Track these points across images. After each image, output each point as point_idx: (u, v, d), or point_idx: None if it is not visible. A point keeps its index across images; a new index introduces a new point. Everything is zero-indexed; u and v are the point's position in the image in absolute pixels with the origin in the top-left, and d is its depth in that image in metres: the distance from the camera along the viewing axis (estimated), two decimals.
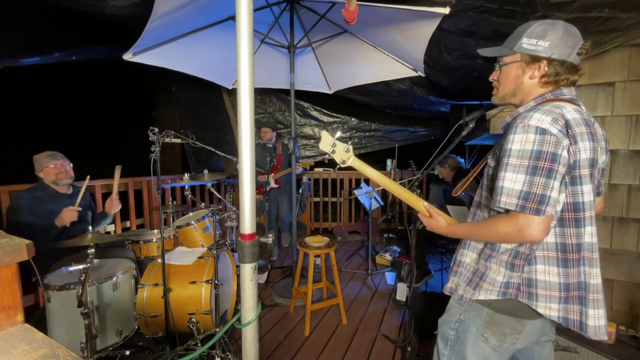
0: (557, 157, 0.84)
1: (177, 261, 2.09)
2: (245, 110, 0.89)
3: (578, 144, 0.86)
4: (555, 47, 0.91)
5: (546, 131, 0.84)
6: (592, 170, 0.90)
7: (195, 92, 4.18)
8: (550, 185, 0.83)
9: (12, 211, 1.96)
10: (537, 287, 0.93)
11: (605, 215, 1.96)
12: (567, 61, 0.92)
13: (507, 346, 1.00)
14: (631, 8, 1.47)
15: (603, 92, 1.93)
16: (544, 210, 0.83)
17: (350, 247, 4.32)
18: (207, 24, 2.30)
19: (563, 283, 0.91)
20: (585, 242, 0.90)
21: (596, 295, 0.90)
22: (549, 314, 0.92)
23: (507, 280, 0.96)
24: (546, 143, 0.84)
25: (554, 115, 0.86)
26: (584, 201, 0.89)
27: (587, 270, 0.91)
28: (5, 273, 0.66)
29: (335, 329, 2.40)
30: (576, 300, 0.91)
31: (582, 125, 0.88)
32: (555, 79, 0.94)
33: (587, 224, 0.90)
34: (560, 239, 0.91)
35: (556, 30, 0.92)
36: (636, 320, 1.92)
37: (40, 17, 2.53)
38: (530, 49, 0.94)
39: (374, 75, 2.94)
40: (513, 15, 1.63)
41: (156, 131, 1.78)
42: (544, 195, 0.83)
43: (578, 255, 0.90)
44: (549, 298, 0.92)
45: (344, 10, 1.60)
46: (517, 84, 1.00)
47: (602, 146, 0.98)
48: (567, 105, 0.90)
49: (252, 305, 0.96)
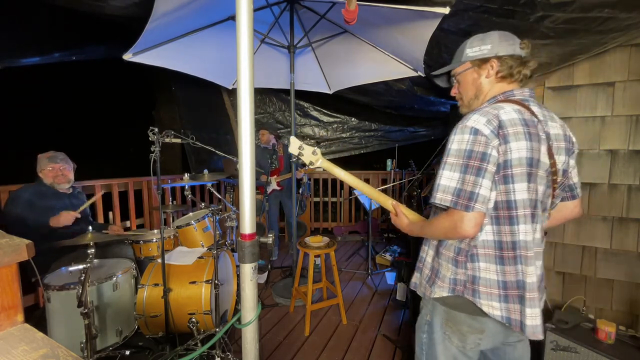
0: (486, 157, 0.87)
1: (177, 261, 2.09)
2: (245, 110, 0.89)
3: (509, 143, 0.88)
4: (497, 46, 0.99)
5: (479, 131, 0.88)
6: (532, 169, 0.91)
7: (195, 92, 4.18)
8: (479, 183, 0.87)
9: (11, 201, 2.00)
10: (479, 284, 0.95)
11: (605, 215, 1.96)
12: (515, 54, 0.98)
13: (470, 347, 1.01)
14: (631, 8, 1.47)
15: (603, 92, 1.93)
16: (473, 206, 0.87)
17: (350, 247, 4.32)
18: (207, 24, 2.30)
19: (501, 281, 0.94)
20: (520, 240, 0.92)
21: (532, 294, 0.92)
22: (492, 312, 0.94)
23: (454, 277, 0.99)
24: (477, 143, 0.88)
25: (490, 116, 0.90)
26: (517, 199, 0.90)
27: (524, 268, 0.92)
28: (5, 273, 0.66)
29: (335, 329, 2.40)
30: (516, 300, 0.93)
31: (518, 125, 0.90)
32: (510, 72, 0.99)
33: (521, 222, 0.91)
34: (497, 237, 0.94)
35: (492, 36, 1.01)
36: (636, 320, 1.92)
37: (40, 17, 2.52)
38: (476, 55, 1.02)
39: (374, 75, 2.94)
40: (513, 15, 1.63)
41: (156, 131, 1.78)
42: (472, 192, 0.87)
43: (514, 253, 0.92)
44: (489, 296, 0.94)
45: (344, 10, 1.60)
46: (476, 86, 1.06)
47: (561, 146, 0.98)
48: (508, 106, 0.93)
49: (252, 305, 0.96)
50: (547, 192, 0.97)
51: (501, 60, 0.99)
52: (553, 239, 2.11)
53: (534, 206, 0.93)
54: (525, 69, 1.00)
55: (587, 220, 2.01)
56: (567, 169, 1.01)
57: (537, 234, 0.96)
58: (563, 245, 2.09)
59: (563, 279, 2.11)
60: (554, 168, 0.96)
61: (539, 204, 0.94)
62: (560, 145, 0.98)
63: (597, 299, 2.01)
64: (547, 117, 0.98)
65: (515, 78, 1.01)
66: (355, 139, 5.22)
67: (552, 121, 0.99)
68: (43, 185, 2.10)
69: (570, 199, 1.08)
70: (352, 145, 5.23)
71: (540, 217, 0.97)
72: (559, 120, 1.01)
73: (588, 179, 1.99)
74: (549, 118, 0.99)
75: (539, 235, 0.97)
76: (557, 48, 1.81)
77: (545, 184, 0.96)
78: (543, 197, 0.96)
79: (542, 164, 0.93)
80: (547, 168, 0.95)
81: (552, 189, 0.98)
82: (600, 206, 1.97)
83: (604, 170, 1.95)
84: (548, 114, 1.00)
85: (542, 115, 0.97)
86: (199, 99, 4.29)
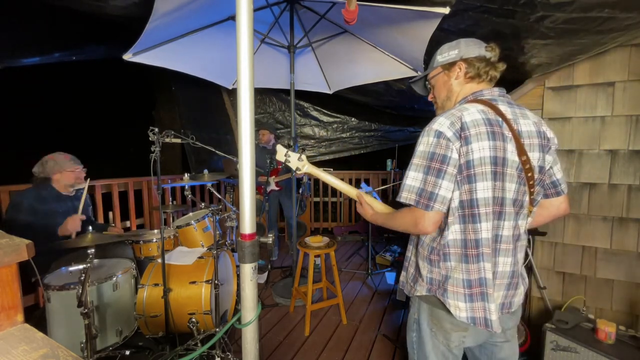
0: (446, 159, 0.92)
1: (177, 261, 2.09)
2: (245, 110, 0.89)
3: (471, 144, 0.91)
4: (464, 50, 1.05)
5: (442, 134, 0.92)
6: (497, 167, 0.93)
7: (195, 92, 4.17)
8: (439, 184, 0.92)
9: (12, 208, 1.96)
10: (448, 283, 0.99)
11: (605, 215, 1.96)
12: (480, 56, 1.03)
13: (455, 345, 1.03)
14: (631, 8, 1.47)
15: (603, 92, 1.93)
16: (432, 206, 0.93)
17: (350, 247, 4.32)
18: (207, 24, 2.30)
19: (466, 279, 0.96)
20: (482, 238, 0.94)
21: (489, 289, 0.95)
22: (458, 314, 0.96)
23: (430, 276, 1.03)
24: (439, 146, 0.92)
25: (453, 118, 0.94)
26: (478, 197, 0.93)
27: (486, 265, 0.95)
28: (5, 273, 0.66)
29: (335, 329, 2.40)
30: (479, 297, 0.95)
31: (480, 125, 0.92)
32: (477, 72, 1.04)
33: (483, 220, 0.94)
34: (462, 236, 0.96)
35: (459, 43, 1.07)
36: (636, 320, 1.92)
37: (40, 17, 2.52)
38: (445, 60, 1.09)
39: (374, 75, 2.94)
40: (513, 15, 1.63)
41: (156, 131, 1.78)
42: (432, 193, 0.92)
43: (477, 251, 0.95)
44: (455, 295, 0.97)
45: (344, 10, 1.60)
46: (447, 87, 1.11)
47: (534, 143, 0.98)
48: (473, 107, 0.96)
49: (252, 305, 0.96)
50: (521, 190, 0.98)
51: (468, 62, 1.05)
52: (553, 239, 2.11)
53: (500, 204, 0.95)
54: (493, 70, 1.05)
55: (587, 220, 2.01)
56: (543, 166, 1.01)
57: (507, 231, 0.98)
58: (563, 245, 2.09)
59: (563, 279, 2.11)
60: (528, 165, 0.97)
61: (508, 201, 0.96)
62: (534, 142, 0.99)
63: (597, 299, 2.01)
64: (517, 114, 1.00)
65: (483, 78, 1.05)
66: (355, 139, 5.21)
67: (523, 118, 1.00)
68: (43, 188, 2.05)
69: (554, 196, 1.09)
70: (352, 145, 5.23)
71: (515, 215, 0.98)
72: (533, 117, 1.03)
73: (588, 179, 1.99)
74: (520, 115, 1.00)
75: (510, 232, 0.98)
76: (557, 48, 1.81)
77: (518, 181, 0.97)
78: (517, 195, 0.97)
79: (510, 162, 0.94)
80: (518, 166, 0.96)
81: (528, 186, 0.99)
82: (600, 206, 1.97)
83: (604, 170, 1.95)
84: (520, 111, 1.01)
85: (511, 113, 0.98)
86: (199, 99, 4.29)
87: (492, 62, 1.04)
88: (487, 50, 1.04)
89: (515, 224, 0.99)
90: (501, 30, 1.78)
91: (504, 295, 1.01)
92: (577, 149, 2.01)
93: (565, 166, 2.04)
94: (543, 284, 2.09)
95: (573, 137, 2.01)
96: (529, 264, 2.10)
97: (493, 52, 1.04)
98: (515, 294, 1.04)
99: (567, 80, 2.01)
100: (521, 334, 1.96)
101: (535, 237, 2.12)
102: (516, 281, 1.02)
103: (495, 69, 1.05)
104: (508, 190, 0.95)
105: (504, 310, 1.01)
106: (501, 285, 0.99)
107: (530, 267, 2.11)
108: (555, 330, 1.70)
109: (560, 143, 2.05)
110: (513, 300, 1.03)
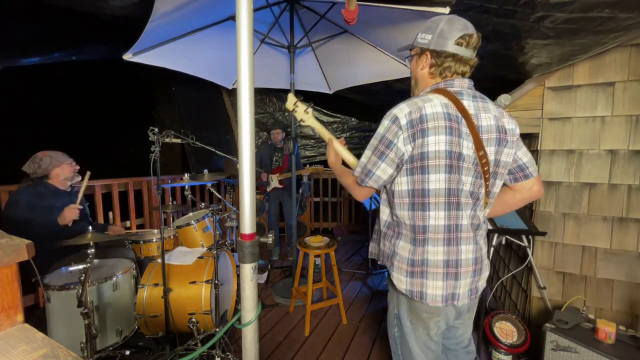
0: (391, 145, 0.97)
1: (177, 261, 2.09)
2: (245, 110, 0.89)
3: (427, 137, 0.94)
4: (435, 39, 1.01)
5: (397, 121, 0.96)
6: (452, 161, 0.96)
7: (195, 92, 4.18)
8: (378, 165, 1.01)
9: (9, 206, 1.96)
10: (395, 259, 1.07)
11: (605, 215, 1.96)
12: (446, 51, 1.00)
13: (434, 332, 1.09)
14: (631, 8, 1.47)
15: (603, 92, 1.92)
16: (366, 182, 1.05)
17: (350, 247, 4.32)
18: (207, 24, 2.30)
19: (410, 259, 1.03)
20: (430, 225, 1.00)
21: (436, 269, 1.01)
22: (399, 286, 1.06)
23: (382, 248, 1.13)
24: (390, 131, 0.97)
25: (413, 107, 0.96)
26: (430, 188, 0.97)
27: (430, 249, 1.01)
28: (5, 273, 0.66)
29: (335, 329, 2.40)
30: (419, 275, 1.03)
31: (440, 119, 0.94)
32: (439, 70, 1.03)
33: (432, 209, 0.99)
34: (411, 222, 1.02)
35: (437, 24, 1.02)
36: (636, 320, 1.92)
37: (40, 17, 2.52)
38: (420, 43, 1.06)
39: (374, 75, 2.94)
40: (513, 15, 1.63)
41: (156, 131, 1.78)
42: (370, 171, 1.03)
43: (423, 236, 1.01)
44: (400, 270, 1.05)
45: (344, 10, 1.60)
46: (415, 74, 1.13)
47: (492, 137, 1.00)
48: (437, 99, 0.97)
49: (252, 305, 0.96)
50: (477, 182, 1.01)
51: (433, 54, 1.03)
52: (553, 239, 2.11)
53: (456, 195, 0.99)
54: (462, 66, 1.02)
55: (587, 220, 2.01)
56: (499, 159, 1.03)
57: (466, 220, 1.01)
58: (563, 245, 2.09)
59: (563, 279, 2.11)
60: (484, 160, 0.99)
61: (464, 193, 1.00)
62: (491, 137, 1.01)
63: (597, 299, 2.01)
64: (480, 108, 1.01)
65: (446, 74, 1.04)
66: (355, 139, 5.22)
67: (485, 112, 1.01)
68: (40, 185, 2.06)
69: (523, 179, 1.11)
70: (352, 145, 5.23)
71: (472, 205, 1.02)
72: (495, 111, 1.03)
73: (588, 179, 1.99)
74: (482, 109, 1.01)
75: (469, 221, 1.02)
76: (557, 48, 1.81)
77: (475, 175, 1.00)
78: (473, 188, 1.01)
79: (465, 157, 0.97)
80: (474, 160, 0.99)
81: (484, 180, 1.02)
82: (600, 206, 1.97)
83: (604, 170, 1.95)
84: (482, 104, 1.02)
85: (474, 108, 1.00)
86: (199, 99, 4.29)
87: (461, 59, 1.01)
88: (458, 44, 0.99)
89: (474, 214, 1.03)
90: (501, 30, 1.78)
91: (471, 281, 1.05)
92: (577, 149, 2.01)
93: (566, 166, 2.04)
94: (543, 284, 2.09)
95: (573, 137, 2.01)
96: (529, 264, 2.10)
97: (465, 46, 1.00)
98: (480, 279, 1.08)
99: (567, 80, 2.01)
100: (521, 334, 1.96)
101: (535, 237, 2.12)
102: (479, 267, 1.06)
103: (465, 64, 1.03)
104: (465, 183, 0.99)
105: (472, 297, 1.07)
106: (468, 273, 1.03)
107: (530, 267, 2.11)
108: (555, 330, 1.70)
109: (560, 143, 2.05)
110: (478, 285, 1.08)
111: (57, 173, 2.10)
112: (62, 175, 2.11)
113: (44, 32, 2.65)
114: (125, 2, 2.09)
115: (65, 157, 2.15)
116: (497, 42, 1.88)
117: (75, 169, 2.18)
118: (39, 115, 7.68)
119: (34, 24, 2.53)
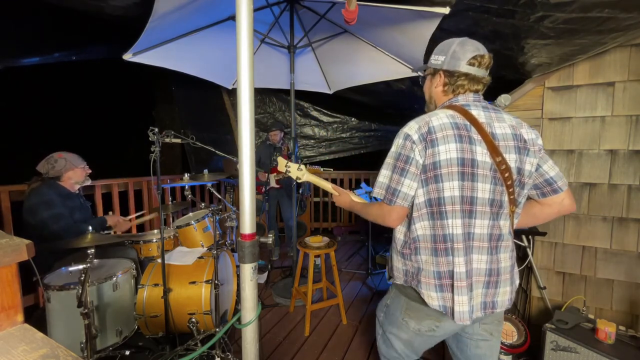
0: (409, 160, 0.99)
1: (177, 261, 2.09)
2: (245, 110, 0.89)
3: (438, 147, 0.96)
4: (448, 60, 1.05)
5: (409, 137, 1.00)
6: (465, 168, 0.96)
7: (195, 92, 4.17)
8: (402, 182, 1.00)
9: (43, 206, 1.93)
10: (421, 275, 1.03)
11: (605, 215, 1.96)
12: (458, 71, 1.04)
13: (425, 330, 1.08)
14: (631, 8, 1.47)
15: (603, 92, 1.92)
16: (394, 201, 1.02)
17: (350, 247, 4.32)
18: (207, 24, 2.30)
19: (436, 271, 1.01)
20: (449, 234, 0.99)
21: (461, 282, 0.98)
22: (431, 302, 1.02)
23: (405, 268, 1.09)
24: (405, 147, 1.00)
25: (421, 122, 1.00)
26: (445, 196, 0.98)
27: (454, 259, 0.99)
28: (5, 273, 0.66)
29: (335, 329, 2.40)
30: (448, 288, 1.00)
31: (448, 129, 0.97)
32: (452, 88, 1.07)
33: (450, 217, 0.98)
34: (432, 231, 1.01)
35: (450, 46, 1.06)
36: (636, 320, 1.92)
37: (40, 17, 2.52)
38: (433, 64, 1.11)
39: (374, 75, 2.94)
40: (513, 15, 1.63)
41: (156, 131, 1.78)
42: (396, 189, 1.01)
43: (445, 245, 0.99)
44: (427, 286, 1.02)
45: (344, 10, 1.60)
46: (429, 93, 1.17)
47: (509, 145, 1.00)
48: (442, 113, 1.01)
49: (252, 305, 0.97)
50: (498, 190, 1.00)
51: (446, 74, 1.07)
52: (553, 239, 2.11)
53: (470, 202, 0.98)
54: (475, 85, 1.06)
55: (587, 220, 2.01)
56: (522, 167, 1.02)
57: (480, 229, 1.00)
58: (563, 245, 2.09)
59: (563, 279, 2.11)
60: (504, 166, 0.98)
61: (480, 200, 0.99)
62: (509, 144, 1.00)
63: (597, 299, 2.01)
64: (492, 118, 1.02)
65: (459, 92, 1.07)
66: (355, 139, 5.21)
67: (499, 122, 1.02)
68: (55, 187, 2.05)
69: (552, 194, 1.09)
70: (352, 145, 5.23)
71: (493, 214, 1.00)
72: (510, 121, 1.04)
73: (588, 179, 1.99)
74: (496, 119, 1.03)
75: (485, 230, 1.00)
76: (557, 48, 1.81)
77: (494, 182, 0.99)
78: (493, 195, 1.00)
79: (480, 163, 0.97)
80: (492, 167, 0.98)
81: (505, 187, 1.00)
82: (600, 206, 1.97)
83: (604, 170, 1.95)
84: (496, 115, 1.04)
85: (485, 117, 1.01)
86: (199, 99, 4.29)
87: (474, 78, 1.04)
88: (470, 65, 1.03)
89: (493, 224, 1.01)
90: (501, 30, 1.78)
91: (484, 293, 1.02)
92: (577, 149, 2.01)
93: (565, 166, 2.04)
94: (543, 284, 2.09)
95: (573, 137, 2.01)
96: (529, 264, 2.10)
97: (478, 66, 1.03)
98: (497, 293, 1.03)
99: (567, 80, 2.01)
100: (521, 334, 1.96)
101: (535, 238, 2.11)
102: (495, 279, 1.03)
103: (478, 82, 1.06)
104: (481, 190, 0.98)
105: (487, 310, 1.02)
106: (479, 283, 1.01)
107: (530, 267, 2.11)
108: (555, 330, 1.70)
109: (560, 143, 2.05)
110: (495, 300, 1.03)
111: (69, 176, 2.11)
112: (73, 179, 2.13)
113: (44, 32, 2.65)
114: (125, 2, 2.09)
115: (79, 160, 2.16)
116: (497, 42, 1.88)
117: (87, 172, 2.21)
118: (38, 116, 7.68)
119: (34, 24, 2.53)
